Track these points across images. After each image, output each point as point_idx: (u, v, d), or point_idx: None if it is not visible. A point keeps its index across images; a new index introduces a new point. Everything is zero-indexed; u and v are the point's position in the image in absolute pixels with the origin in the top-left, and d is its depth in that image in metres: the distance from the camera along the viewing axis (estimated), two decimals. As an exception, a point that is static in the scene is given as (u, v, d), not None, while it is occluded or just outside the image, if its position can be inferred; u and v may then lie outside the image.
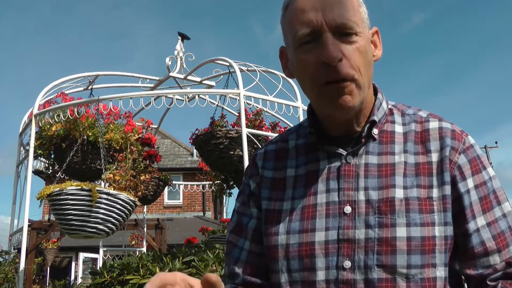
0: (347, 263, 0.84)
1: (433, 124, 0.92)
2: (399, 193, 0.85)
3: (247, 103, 3.70)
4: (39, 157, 4.07)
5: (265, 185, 0.98)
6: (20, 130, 4.45)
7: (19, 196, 4.19)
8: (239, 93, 3.68)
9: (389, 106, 0.97)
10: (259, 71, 4.00)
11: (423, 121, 0.93)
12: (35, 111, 4.01)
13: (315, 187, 0.91)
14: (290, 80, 4.31)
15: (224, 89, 4.29)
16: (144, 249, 6.57)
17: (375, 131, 0.91)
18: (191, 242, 4.62)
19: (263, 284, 0.96)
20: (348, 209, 0.86)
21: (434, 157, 0.88)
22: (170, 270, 3.31)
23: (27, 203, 3.84)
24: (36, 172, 7.76)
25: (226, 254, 1.02)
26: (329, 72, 0.82)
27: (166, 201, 16.74)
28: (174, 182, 5.04)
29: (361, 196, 0.87)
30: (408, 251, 0.82)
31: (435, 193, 0.86)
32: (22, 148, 4.47)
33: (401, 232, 0.83)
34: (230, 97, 3.81)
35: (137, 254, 4.81)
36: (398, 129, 0.93)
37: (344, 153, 0.91)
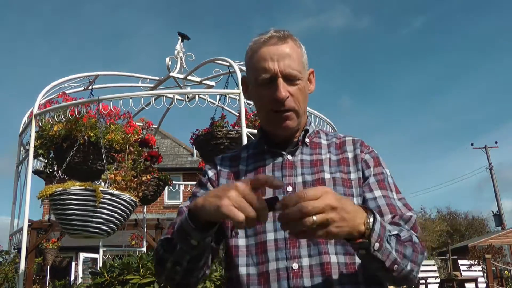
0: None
1: (348, 138, 1.31)
2: (327, 175, 1.20)
3: (247, 103, 3.70)
4: (39, 157, 4.06)
5: (223, 175, 1.28)
6: (20, 130, 4.45)
7: (19, 196, 4.19)
8: (239, 93, 3.69)
9: (316, 129, 1.34)
10: (259, 71, 3.99)
11: (341, 137, 1.31)
12: (35, 111, 4.01)
13: (263, 174, 1.19)
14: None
15: (224, 89, 4.29)
16: (144, 249, 6.58)
17: (307, 140, 1.28)
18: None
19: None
20: (290, 188, 1.18)
21: (349, 155, 1.26)
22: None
23: (27, 203, 3.84)
24: (36, 172, 7.75)
25: (174, 223, 1.15)
26: (279, 105, 1.18)
27: (166, 201, 16.76)
28: (174, 182, 5.04)
29: (299, 179, 1.20)
30: None
31: (352, 176, 1.21)
32: (22, 148, 4.47)
33: None
34: (230, 97, 3.81)
35: (137, 254, 4.81)
36: (324, 141, 1.30)
37: (285, 152, 1.25)
